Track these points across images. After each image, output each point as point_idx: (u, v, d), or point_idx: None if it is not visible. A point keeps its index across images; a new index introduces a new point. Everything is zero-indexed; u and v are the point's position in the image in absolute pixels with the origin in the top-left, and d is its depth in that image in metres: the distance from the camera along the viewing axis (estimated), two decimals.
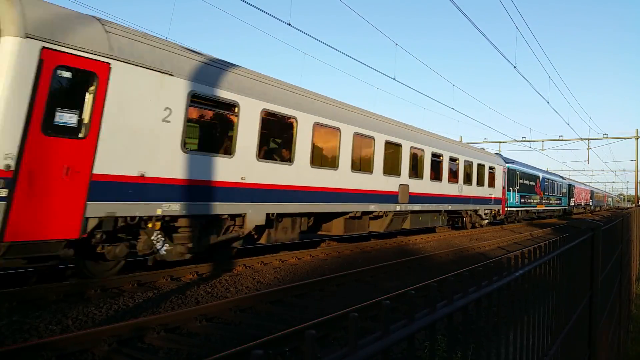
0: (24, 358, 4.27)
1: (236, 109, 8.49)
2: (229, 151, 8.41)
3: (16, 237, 5.44)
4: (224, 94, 8.23)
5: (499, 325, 1.59)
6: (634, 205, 37.30)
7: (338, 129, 11.18)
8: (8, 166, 5.35)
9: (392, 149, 13.58)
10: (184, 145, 7.47)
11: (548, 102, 26.15)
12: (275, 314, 6.48)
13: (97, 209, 6.28)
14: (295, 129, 9.88)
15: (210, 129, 8.73)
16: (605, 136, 34.91)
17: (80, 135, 6.14)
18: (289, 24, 10.83)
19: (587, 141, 35.64)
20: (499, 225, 24.74)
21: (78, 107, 6.17)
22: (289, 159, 9.79)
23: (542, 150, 36.84)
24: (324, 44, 13.11)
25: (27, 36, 5.54)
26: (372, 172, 12.53)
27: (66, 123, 6.00)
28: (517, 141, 37.11)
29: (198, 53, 8.21)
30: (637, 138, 34.00)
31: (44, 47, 5.69)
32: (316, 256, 11.24)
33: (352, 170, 11.67)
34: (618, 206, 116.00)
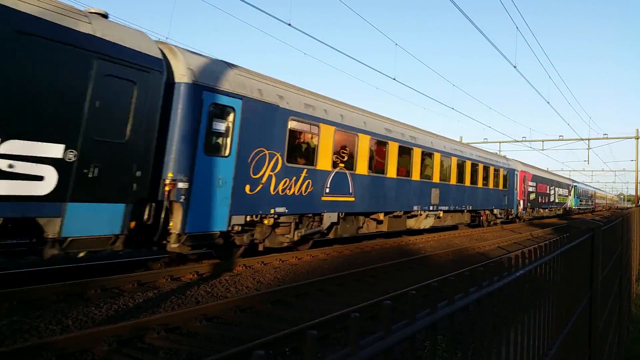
0: (24, 358, 4.27)
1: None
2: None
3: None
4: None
5: (500, 325, 1.59)
6: (633, 205, 37.31)
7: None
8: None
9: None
10: None
11: (548, 102, 26.18)
12: (275, 314, 6.48)
13: None
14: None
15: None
16: (605, 136, 34.94)
17: None
18: (289, 24, 10.83)
19: (587, 141, 35.67)
20: (499, 225, 24.73)
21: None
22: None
23: (542, 150, 36.88)
24: (324, 44, 13.12)
25: None
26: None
27: None
28: (517, 141, 37.15)
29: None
30: (637, 138, 34.01)
31: None
32: (316, 256, 11.24)
33: None
34: (614, 207, 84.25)
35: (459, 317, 1.32)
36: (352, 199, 11.88)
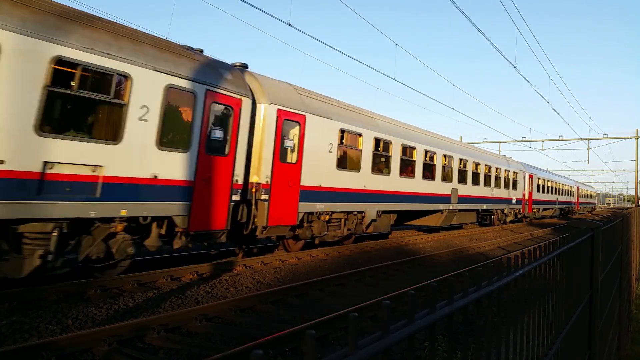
0: (24, 358, 4.27)
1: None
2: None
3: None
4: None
5: (499, 325, 1.59)
6: (633, 205, 37.30)
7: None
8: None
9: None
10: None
11: (548, 102, 26.19)
12: (275, 314, 6.48)
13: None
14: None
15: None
16: (605, 136, 34.97)
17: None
18: (289, 24, 10.83)
19: (587, 141, 35.68)
20: (500, 225, 24.72)
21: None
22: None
23: (542, 150, 36.89)
24: (324, 44, 13.12)
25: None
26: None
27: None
28: (517, 141, 37.17)
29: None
30: (637, 138, 34.01)
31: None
32: (316, 256, 11.24)
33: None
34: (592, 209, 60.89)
35: (458, 317, 1.32)
36: None
